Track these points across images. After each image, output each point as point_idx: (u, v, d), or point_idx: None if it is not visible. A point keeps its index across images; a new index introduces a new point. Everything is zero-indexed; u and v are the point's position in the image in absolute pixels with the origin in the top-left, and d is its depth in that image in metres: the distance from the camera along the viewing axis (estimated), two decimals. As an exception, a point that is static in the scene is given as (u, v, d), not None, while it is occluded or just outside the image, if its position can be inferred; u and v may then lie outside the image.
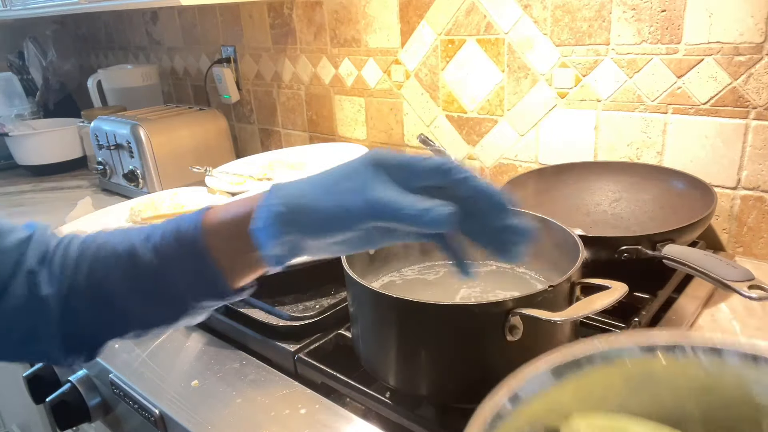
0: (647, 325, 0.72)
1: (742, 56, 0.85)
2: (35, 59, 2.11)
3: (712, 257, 0.65)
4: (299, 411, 0.65)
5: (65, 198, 1.54)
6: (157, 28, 1.92)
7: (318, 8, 1.38)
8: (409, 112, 1.30)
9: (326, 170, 0.46)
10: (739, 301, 0.78)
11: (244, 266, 0.48)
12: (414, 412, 0.60)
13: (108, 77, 1.82)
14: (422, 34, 1.21)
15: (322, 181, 0.45)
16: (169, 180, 1.40)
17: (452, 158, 0.44)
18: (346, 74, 1.39)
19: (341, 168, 0.45)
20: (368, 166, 0.44)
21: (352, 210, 0.42)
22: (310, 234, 0.44)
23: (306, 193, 0.44)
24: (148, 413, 0.72)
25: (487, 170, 1.20)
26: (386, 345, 0.60)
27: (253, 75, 1.64)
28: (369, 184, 0.42)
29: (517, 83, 1.10)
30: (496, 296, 0.70)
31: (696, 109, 0.91)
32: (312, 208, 0.43)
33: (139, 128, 1.37)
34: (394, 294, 0.57)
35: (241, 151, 1.74)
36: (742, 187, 0.90)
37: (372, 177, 0.43)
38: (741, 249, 0.93)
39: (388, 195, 0.42)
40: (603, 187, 0.99)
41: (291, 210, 0.44)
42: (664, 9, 0.89)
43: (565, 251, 0.64)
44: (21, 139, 1.76)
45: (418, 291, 0.73)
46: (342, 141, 1.47)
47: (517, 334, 0.53)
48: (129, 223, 1.17)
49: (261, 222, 0.44)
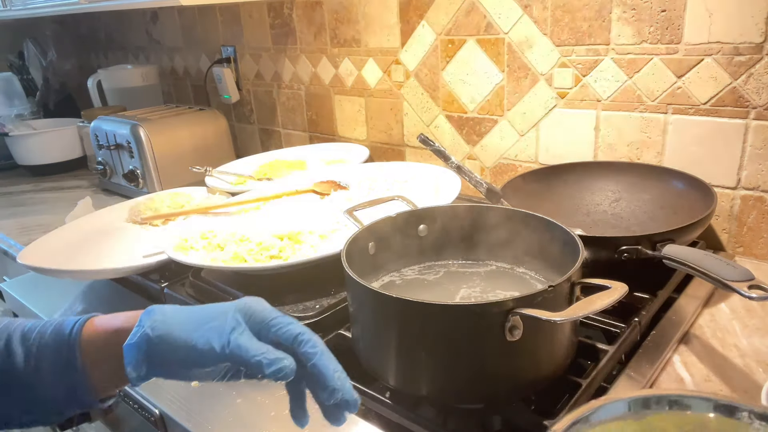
0: (647, 325, 0.72)
1: (742, 56, 0.85)
2: (35, 59, 2.11)
3: (712, 257, 0.65)
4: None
5: (65, 198, 1.54)
6: (157, 28, 1.92)
7: (318, 8, 1.38)
8: (409, 112, 1.30)
9: (204, 306, 0.51)
10: (739, 301, 0.78)
11: (110, 377, 0.52)
12: (414, 412, 0.60)
13: (108, 77, 1.82)
14: (422, 34, 1.21)
15: (195, 316, 0.50)
16: (169, 180, 1.40)
17: (312, 335, 0.50)
18: (346, 74, 1.39)
19: (215, 308, 0.51)
20: (236, 312, 0.49)
21: (210, 350, 0.47)
22: (172, 362, 0.49)
23: (177, 325, 0.49)
24: (148, 413, 0.72)
25: (487, 170, 1.20)
26: (386, 345, 0.60)
27: (253, 75, 1.64)
28: (231, 329, 0.48)
29: (517, 83, 1.10)
30: (496, 296, 0.70)
31: (696, 109, 0.91)
32: (178, 340, 0.48)
33: (139, 128, 1.37)
34: (394, 294, 0.57)
35: (241, 151, 1.74)
36: (742, 187, 0.90)
37: (236, 323, 0.48)
38: (741, 249, 0.93)
39: (243, 342, 0.47)
40: (603, 187, 0.99)
41: (159, 336, 0.49)
42: (664, 9, 0.89)
43: (565, 251, 0.64)
44: (21, 139, 1.76)
45: (418, 291, 0.73)
46: (342, 141, 1.47)
47: (517, 334, 0.53)
48: (129, 223, 1.17)
49: (132, 339, 0.49)
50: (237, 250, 0.86)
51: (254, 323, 0.49)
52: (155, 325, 0.49)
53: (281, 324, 0.49)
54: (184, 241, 0.93)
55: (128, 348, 0.49)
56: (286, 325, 0.49)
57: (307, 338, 0.48)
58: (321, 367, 0.48)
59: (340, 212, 0.93)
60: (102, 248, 1.05)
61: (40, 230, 1.27)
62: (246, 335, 0.48)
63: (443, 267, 0.78)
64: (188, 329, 0.49)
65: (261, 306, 0.50)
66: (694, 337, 0.72)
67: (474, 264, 0.78)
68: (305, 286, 0.82)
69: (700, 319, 0.76)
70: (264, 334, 0.49)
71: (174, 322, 0.49)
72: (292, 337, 0.48)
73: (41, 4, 1.51)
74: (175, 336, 0.49)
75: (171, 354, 0.49)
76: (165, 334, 0.49)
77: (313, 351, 0.48)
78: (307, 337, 0.48)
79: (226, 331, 0.48)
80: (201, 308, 0.51)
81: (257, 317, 0.49)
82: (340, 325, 0.75)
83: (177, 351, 0.48)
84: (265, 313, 0.50)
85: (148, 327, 0.49)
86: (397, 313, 0.57)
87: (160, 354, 0.49)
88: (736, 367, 0.66)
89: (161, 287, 0.91)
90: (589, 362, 0.65)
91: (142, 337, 0.49)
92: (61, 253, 1.02)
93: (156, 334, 0.49)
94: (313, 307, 0.77)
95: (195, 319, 0.50)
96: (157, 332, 0.49)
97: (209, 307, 0.51)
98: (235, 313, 0.49)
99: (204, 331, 0.48)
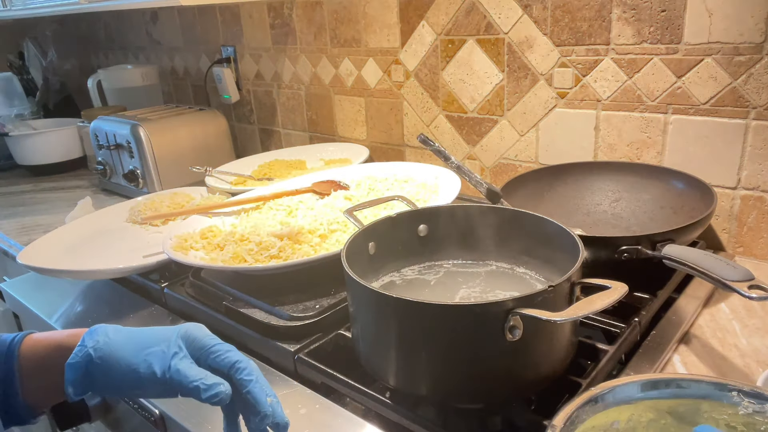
0: (647, 325, 0.72)
1: (742, 56, 0.85)
2: (35, 59, 2.11)
3: (712, 257, 0.65)
4: (299, 411, 0.65)
5: (65, 198, 1.54)
6: (157, 28, 1.92)
7: (318, 8, 1.38)
8: (409, 112, 1.30)
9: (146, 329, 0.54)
10: (739, 301, 0.78)
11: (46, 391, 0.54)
12: (414, 412, 0.60)
13: (108, 77, 1.82)
14: (422, 34, 1.21)
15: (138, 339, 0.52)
16: (169, 180, 1.40)
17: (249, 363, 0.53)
18: (346, 74, 1.39)
19: (157, 332, 0.53)
20: (178, 338, 0.52)
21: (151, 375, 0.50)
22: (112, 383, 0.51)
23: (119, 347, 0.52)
24: (148, 413, 0.72)
25: (487, 170, 1.20)
26: (386, 345, 0.60)
27: (253, 75, 1.64)
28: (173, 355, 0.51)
29: (517, 83, 1.10)
30: (496, 296, 0.70)
31: (696, 109, 0.91)
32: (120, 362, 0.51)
33: (139, 128, 1.37)
34: (394, 294, 0.57)
35: (241, 151, 1.74)
36: (742, 187, 0.90)
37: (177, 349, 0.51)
38: (741, 249, 0.93)
39: (183, 368, 0.50)
40: (603, 187, 0.99)
41: (101, 357, 0.51)
42: (664, 9, 0.89)
43: (565, 251, 0.64)
44: (21, 139, 1.76)
45: (418, 291, 0.73)
46: (342, 141, 1.47)
47: (517, 334, 0.53)
48: (129, 223, 1.17)
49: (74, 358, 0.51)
50: (237, 250, 0.86)
51: (194, 349, 0.52)
52: (98, 345, 0.51)
53: (220, 351, 0.52)
54: (184, 241, 0.93)
55: (70, 366, 0.51)
56: (224, 352, 0.52)
57: (243, 366, 0.52)
58: (255, 394, 0.51)
59: (340, 212, 0.93)
60: (102, 248, 1.05)
61: (40, 230, 1.27)
62: (185, 361, 0.51)
63: (443, 267, 0.78)
64: (130, 352, 0.51)
65: (201, 332, 0.53)
66: (694, 337, 0.72)
67: (474, 264, 0.78)
68: (305, 286, 0.82)
69: (700, 319, 0.76)
70: (203, 360, 0.52)
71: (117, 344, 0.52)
72: (230, 364, 0.52)
73: (41, 4, 1.51)
74: (117, 358, 0.51)
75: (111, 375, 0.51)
76: (107, 355, 0.51)
77: (248, 378, 0.51)
78: (243, 365, 0.52)
79: (168, 357, 0.51)
80: (143, 331, 0.54)
81: (197, 344, 0.52)
82: (340, 325, 0.75)
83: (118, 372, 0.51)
84: (206, 340, 0.53)
85: (91, 347, 0.51)
86: (397, 313, 0.57)
87: (101, 374, 0.51)
88: (736, 367, 0.66)
89: (161, 287, 0.91)
90: (589, 362, 0.65)
91: (84, 357, 0.51)
92: (61, 253, 1.02)
93: (98, 354, 0.51)
94: (313, 307, 0.77)
95: (137, 342, 0.52)
96: (100, 353, 0.51)
97: (152, 330, 0.54)
98: (177, 339, 0.52)
99: (146, 355, 0.51)
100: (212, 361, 0.52)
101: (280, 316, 0.76)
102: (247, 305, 0.80)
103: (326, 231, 0.90)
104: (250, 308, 0.79)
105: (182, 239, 0.93)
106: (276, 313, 0.77)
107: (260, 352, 0.76)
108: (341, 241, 0.87)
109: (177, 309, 0.89)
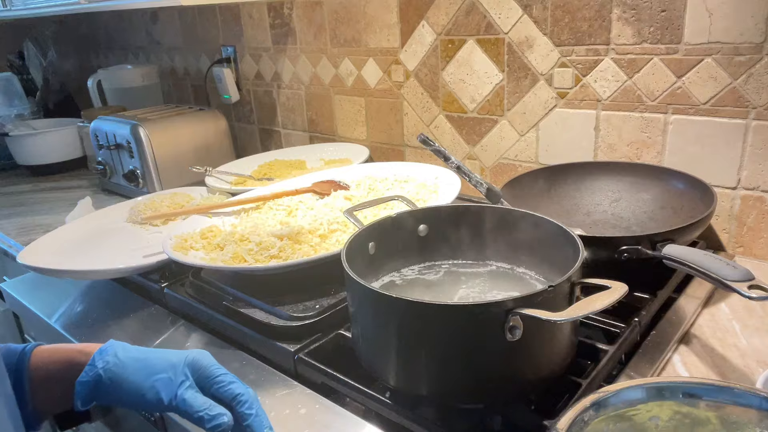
0: (647, 325, 0.72)
1: (742, 56, 0.85)
2: (35, 59, 2.11)
3: (712, 257, 0.65)
4: (299, 411, 0.65)
5: (65, 198, 1.54)
6: (157, 28, 1.92)
7: (318, 8, 1.38)
8: (409, 112, 1.30)
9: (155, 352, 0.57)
10: (739, 301, 0.78)
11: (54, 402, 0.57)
12: (414, 412, 0.60)
13: (108, 77, 1.82)
14: (422, 34, 1.21)
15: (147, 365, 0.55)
16: (169, 180, 1.40)
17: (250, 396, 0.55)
18: (346, 74, 1.39)
19: (165, 358, 0.56)
20: (185, 367, 0.55)
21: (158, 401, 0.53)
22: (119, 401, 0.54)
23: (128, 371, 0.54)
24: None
25: (487, 170, 1.20)
26: (386, 345, 0.60)
27: (253, 75, 1.64)
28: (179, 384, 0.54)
29: (517, 83, 1.10)
30: (495, 296, 0.70)
31: (696, 109, 0.91)
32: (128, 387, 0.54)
33: (139, 128, 1.37)
34: (394, 294, 0.57)
35: (241, 151, 1.74)
36: (742, 187, 0.90)
37: (184, 377, 0.54)
38: (741, 249, 0.93)
39: (188, 398, 0.53)
40: (603, 187, 0.99)
41: (110, 379, 0.54)
42: (664, 9, 0.89)
43: (565, 251, 0.64)
44: (21, 139, 1.76)
45: (418, 291, 0.73)
46: (342, 141, 1.47)
47: (517, 334, 0.53)
48: (129, 223, 1.17)
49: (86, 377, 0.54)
50: (237, 250, 0.86)
51: (200, 378, 0.55)
52: (108, 366, 0.54)
53: (223, 382, 0.55)
54: (184, 241, 0.93)
55: (80, 384, 0.54)
56: (227, 384, 0.55)
57: (245, 399, 0.54)
58: (254, 428, 0.54)
59: (340, 212, 0.93)
60: (102, 248, 1.05)
61: (40, 230, 1.27)
62: (191, 391, 0.54)
63: (443, 267, 0.78)
64: (139, 378, 0.54)
65: (207, 361, 0.56)
66: (694, 337, 0.72)
67: (474, 264, 0.78)
68: (305, 286, 0.82)
69: (700, 319, 0.76)
70: (207, 388, 0.55)
71: (125, 367, 0.54)
72: (232, 396, 0.54)
73: (41, 4, 1.51)
74: (125, 380, 0.54)
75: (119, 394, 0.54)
76: (116, 376, 0.54)
77: (249, 413, 0.54)
78: (245, 398, 0.54)
79: (175, 385, 0.53)
80: (152, 355, 0.56)
81: (203, 372, 0.55)
82: (340, 325, 0.75)
83: (126, 394, 0.54)
84: (211, 369, 0.55)
85: (101, 368, 0.54)
86: (397, 313, 0.57)
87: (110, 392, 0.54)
88: (736, 368, 0.66)
89: (161, 287, 0.91)
90: (589, 362, 0.65)
91: (94, 376, 0.54)
92: (61, 253, 1.02)
93: (108, 375, 0.54)
94: (313, 307, 0.77)
95: (146, 367, 0.55)
96: (110, 374, 0.54)
97: (160, 354, 0.56)
98: (184, 368, 0.55)
99: (154, 382, 0.53)
100: (215, 390, 0.55)
101: (280, 316, 0.76)
102: (247, 305, 0.80)
103: (326, 231, 0.90)
104: (250, 308, 0.79)
105: (182, 239, 0.93)
106: (276, 313, 0.77)
107: (260, 352, 0.76)
108: (341, 241, 0.87)
109: (177, 309, 0.89)
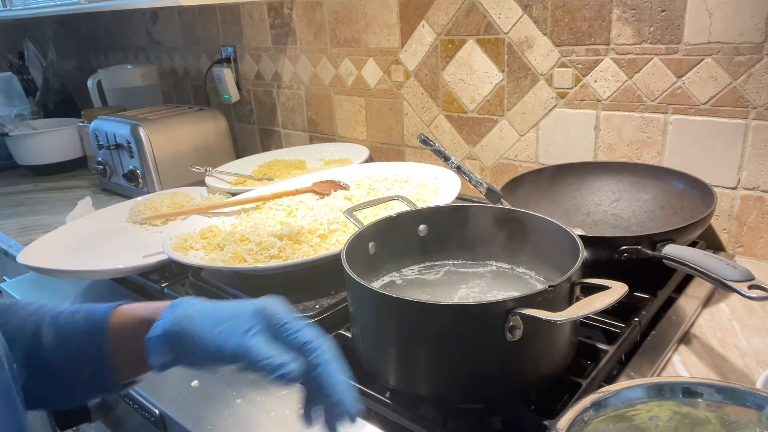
0: (647, 325, 0.72)
1: (742, 56, 0.85)
2: (35, 59, 2.10)
3: (712, 257, 0.65)
4: (299, 411, 0.65)
5: (65, 198, 1.54)
6: (157, 28, 1.92)
7: (318, 8, 1.38)
8: (409, 112, 1.30)
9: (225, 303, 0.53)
10: (739, 301, 0.78)
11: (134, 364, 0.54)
12: (414, 412, 0.60)
13: (108, 77, 1.82)
14: (422, 34, 1.21)
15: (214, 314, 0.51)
16: (169, 180, 1.40)
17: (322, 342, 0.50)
18: (346, 74, 1.39)
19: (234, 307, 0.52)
20: (254, 315, 0.50)
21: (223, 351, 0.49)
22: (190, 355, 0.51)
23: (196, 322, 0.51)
24: (148, 413, 0.72)
25: (487, 170, 1.20)
26: (386, 345, 0.60)
27: (253, 75, 1.64)
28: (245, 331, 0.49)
29: (517, 83, 1.10)
30: (495, 296, 0.70)
31: (696, 109, 0.91)
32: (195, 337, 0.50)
33: (139, 128, 1.37)
34: (394, 294, 0.57)
35: (241, 151, 1.74)
36: (742, 187, 0.90)
37: (251, 325, 0.50)
38: (741, 249, 0.93)
39: (254, 344, 0.48)
40: (603, 187, 0.99)
41: (178, 332, 0.50)
42: (664, 9, 0.89)
43: (565, 251, 0.64)
44: (21, 139, 1.76)
45: (418, 291, 0.73)
46: (342, 141, 1.47)
47: (517, 334, 0.53)
48: (129, 223, 1.17)
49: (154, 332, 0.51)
50: (237, 250, 0.86)
51: (270, 325, 0.50)
52: (176, 320, 0.51)
53: (291, 329, 0.50)
54: (184, 241, 0.93)
55: (149, 340, 0.50)
56: (296, 331, 0.50)
57: (314, 347, 0.49)
58: (325, 377, 0.48)
59: (340, 212, 0.93)
60: (102, 248, 1.05)
61: (40, 230, 1.27)
62: (258, 338, 0.49)
63: (443, 267, 0.78)
64: (206, 328, 0.50)
65: (277, 308, 0.51)
66: (694, 337, 0.72)
67: (474, 264, 0.78)
68: (305, 286, 0.82)
69: (700, 319, 0.76)
70: (279, 337, 0.50)
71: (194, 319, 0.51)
72: (301, 344, 0.49)
73: (41, 4, 1.51)
74: (193, 333, 0.50)
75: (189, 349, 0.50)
76: (184, 330, 0.50)
77: (318, 362, 0.48)
78: (314, 345, 0.49)
79: (240, 333, 0.49)
80: (222, 306, 0.52)
81: (273, 320, 0.50)
82: (340, 325, 0.75)
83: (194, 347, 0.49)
84: (279, 316, 0.50)
85: (170, 322, 0.50)
86: (397, 313, 0.57)
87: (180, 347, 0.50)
88: (736, 367, 0.66)
89: (161, 287, 0.91)
90: (589, 362, 0.65)
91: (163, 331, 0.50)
92: (61, 253, 1.02)
93: (175, 330, 0.50)
94: (313, 307, 0.77)
95: (214, 318, 0.51)
96: (178, 327, 0.50)
97: (230, 305, 0.52)
98: (252, 315, 0.50)
99: (218, 332, 0.49)
100: (285, 338, 0.50)
101: (280, 316, 0.76)
102: (247, 305, 0.80)
103: (326, 231, 0.90)
104: (250, 308, 0.79)
105: (182, 239, 0.93)
106: (276, 313, 0.77)
107: (260, 352, 0.76)
108: (341, 241, 0.87)
109: (177, 309, 0.89)
